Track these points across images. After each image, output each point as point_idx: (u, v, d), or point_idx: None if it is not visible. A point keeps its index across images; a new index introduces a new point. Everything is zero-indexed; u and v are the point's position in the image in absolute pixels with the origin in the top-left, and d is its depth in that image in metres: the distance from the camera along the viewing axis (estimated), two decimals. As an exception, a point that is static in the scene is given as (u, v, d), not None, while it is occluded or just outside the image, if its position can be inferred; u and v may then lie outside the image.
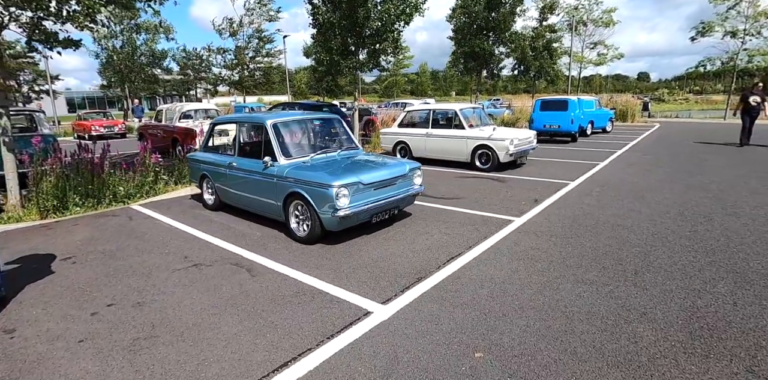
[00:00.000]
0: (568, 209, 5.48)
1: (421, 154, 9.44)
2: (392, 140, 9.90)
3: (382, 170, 4.63)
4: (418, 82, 64.97)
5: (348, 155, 5.22)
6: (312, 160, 4.87)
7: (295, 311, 3.07)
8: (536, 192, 6.51)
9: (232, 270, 3.90)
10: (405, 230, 4.84)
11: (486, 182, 7.45)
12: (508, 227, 4.81)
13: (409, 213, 5.55)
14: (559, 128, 12.72)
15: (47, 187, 6.42)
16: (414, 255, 4.08)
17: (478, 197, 6.29)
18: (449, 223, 5.06)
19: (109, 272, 4.01)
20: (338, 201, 4.14)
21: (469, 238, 4.50)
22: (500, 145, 8.08)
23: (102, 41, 19.71)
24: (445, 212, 5.54)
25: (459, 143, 8.65)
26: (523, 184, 7.16)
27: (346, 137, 5.60)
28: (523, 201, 5.97)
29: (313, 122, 5.51)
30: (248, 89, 26.62)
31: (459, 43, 15.62)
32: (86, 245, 4.80)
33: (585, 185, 6.99)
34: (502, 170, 8.34)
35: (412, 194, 4.98)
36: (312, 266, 3.91)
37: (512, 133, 8.42)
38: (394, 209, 4.80)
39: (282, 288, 3.48)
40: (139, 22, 19.86)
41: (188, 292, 3.49)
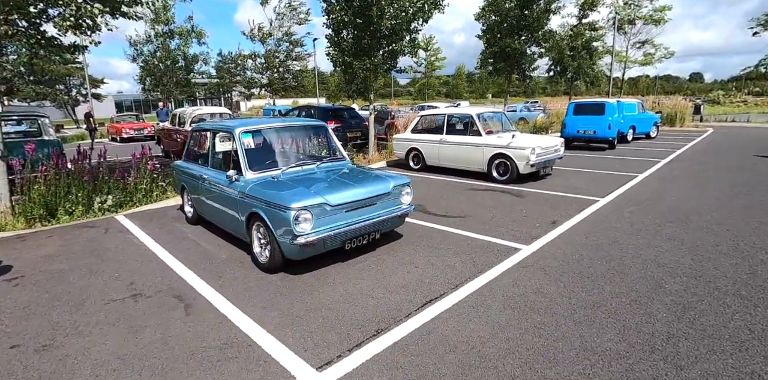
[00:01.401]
0: (591, 236, 4.55)
1: (435, 162, 8.65)
2: (405, 146, 9.18)
3: (358, 188, 3.93)
4: (453, 84, 63.28)
5: (329, 168, 4.57)
6: (283, 174, 4.25)
7: (208, 374, 2.43)
8: (557, 211, 5.58)
9: (169, 305, 3.34)
10: (386, 259, 4.12)
11: (501, 196, 6.58)
12: (512, 259, 3.97)
13: (400, 235, 4.82)
14: (595, 134, 11.49)
15: (35, 195, 6.20)
16: (385, 295, 3.35)
17: (486, 216, 5.46)
18: (442, 250, 4.29)
19: (42, 299, 3.55)
20: (297, 226, 3.49)
21: (459, 272, 3.72)
22: (519, 154, 7.17)
23: (137, 46, 20.32)
24: (442, 235, 4.76)
25: (475, 151, 7.79)
26: (544, 200, 6.23)
27: (331, 147, 4.96)
28: (537, 223, 5.08)
29: (292, 130, 4.90)
30: (277, 92, 26.69)
31: (488, 43, 14.64)
32: (43, 263, 4.41)
33: (617, 202, 5.98)
34: (522, 182, 7.41)
35: (399, 214, 4.24)
36: (260, 304, 3.28)
37: (534, 140, 7.47)
38: (374, 234, 4.09)
39: (211, 335, 2.86)
40: (173, 28, 20.29)
41: (105, 334, 2.94)
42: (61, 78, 30.04)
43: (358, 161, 10.31)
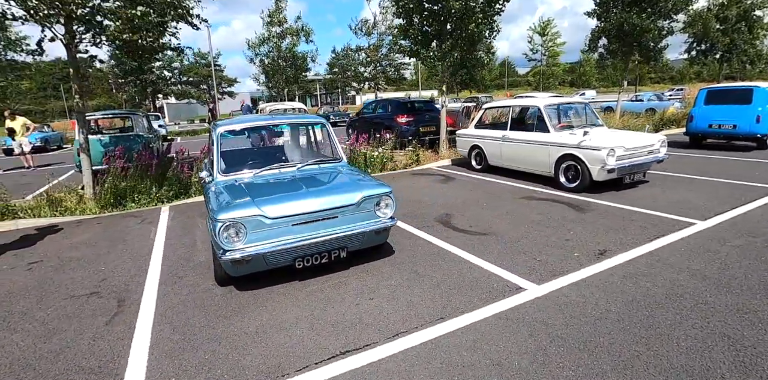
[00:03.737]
0: (644, 280, 3.17)
1: (497, 162, 7.43)
2: (467, 143, 8.09)
3: (311, 198, 3.30)
4: (580, 72, 55.65)
5: (312, 170, 4.02)
6: (255, 177, 3.85)
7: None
8: (619, 235, 4.14)
9: (104, 310, 3.24)
10: (348, 283, 3.42)
11: (556, 209, 5.22)
12: (500, 304, 2.94)
13: (392, 251, 4.05)
14: (735, 129, 8.64)
15: (108, 184, 6.97)
16: (304, 333, 2.71)
17: (515, 235, 4.31)
18: (423, 279, 3.42)
19: (28, 286, 3.78)
20: (224, 240, 3.04)
21: (415, 315, 2.85)
22: (593, 156, 5.62)
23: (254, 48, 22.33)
24: (440, 257, 3.85)
25: (539, 150, 6.40)
26: (612, 218, 4.73)
27: (325, 146, 4.39)
28: (578, 252, 3.79)
29: (279, 128, 4.46)
30: (380, 86, 26.89)
31: (601, 19, 12.23)
32: (67, 250, 4.79)
33: (721, 230, 4.21)
34: (597, 192, 5.83)
35: (374, 230, 3.50)
36: (174, 324, 2.94)
37: (618, 138, 5.79)
38: (337, 251, 3.43)
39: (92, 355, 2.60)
40: (285, 29, 21.75)
41: (27, 333, 2.94)
42: (204, 79, 34.92)
43: (426, 157, 9.52)
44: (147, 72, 21.74)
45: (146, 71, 21.45)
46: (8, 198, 6.81)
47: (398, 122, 11.07)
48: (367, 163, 8.58)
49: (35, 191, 7.27)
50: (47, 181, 7.46)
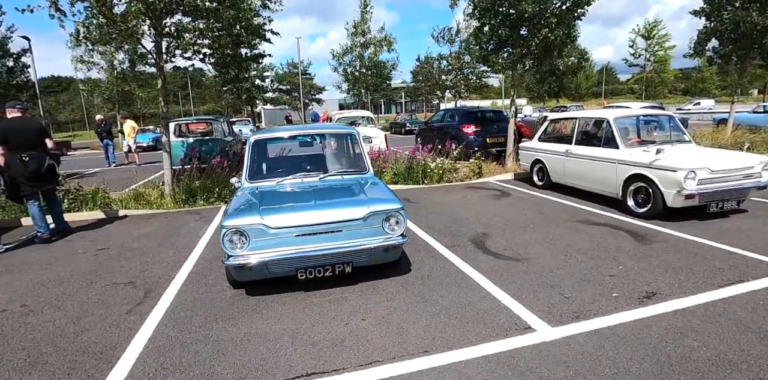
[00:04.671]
0: (696, 338, 2.56)
1: (560, 179, 6.75)
2: (529, 156, 7.49)
3: (315, 211, 3.25)
4: (697, 78, 47.88)
5: (335, 181, 3.99)
6: (277, 185, 3.94)
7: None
8: (679, 277, 3.45)
9: (124, 299, 3.50)
10: (349, 299, 3.30)
11: (613, 237, 4.54)
12: (499, 344, 2.58)
13: (408, 270, 3.84)
14: None
15: (182, 183, 7.73)
16: (278, 350, 2.65)
17: (552, 264, 3.82)
18: (425, 305, 3.16)
19: (83, 272, 4.29)
20: (228, 246, 3.12)
21: (402, 345, 2.63)
22: (668, 177, 4.80)
23: (339, 58, 23.40)
24: (455, 283, 3.54)
25: (605, 168, 5.66)
26: (680, 253, 3.97)
27: (353, 157, 4.34)
28: (618, 292, 3.22)
29: (309, 138, 4.49)
30: (462, 94, 26.37)
31: (711, 18, 10.58)
32: (131, 241, 5.35)
33: (833, 281, 3.28)
34: (673, 220, 4.96)
35: (383, 247, 3.34)
36: (177, 320, 3.08)
37: (702, 158, 4.87)
38: (342, 266, 3.33)
39: (88, 345, 2.82)
40: (368, 39, 22.49)
41: (63, 315, 3.32)
42: (295, 87, 37.46)
43: (489, 170, 9.04)
44: (242, 81, 23.95)
45: (242, 80, 23.64)
46: (108, 191, 7.82)
47: (464, 132, 10.69)
48: (425, 174, 8.39)
49: (132, 185, 8.27)
50: (138, 177, 8.50)
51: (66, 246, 5.27)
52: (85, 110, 40.28)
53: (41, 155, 5.33)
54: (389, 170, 8.30)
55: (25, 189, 5.28)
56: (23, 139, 5.18)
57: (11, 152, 5.12)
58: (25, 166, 5.17)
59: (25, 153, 5.17)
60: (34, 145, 5.28)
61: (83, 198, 7.38)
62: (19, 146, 5.14)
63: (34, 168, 5.22)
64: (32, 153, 5.22)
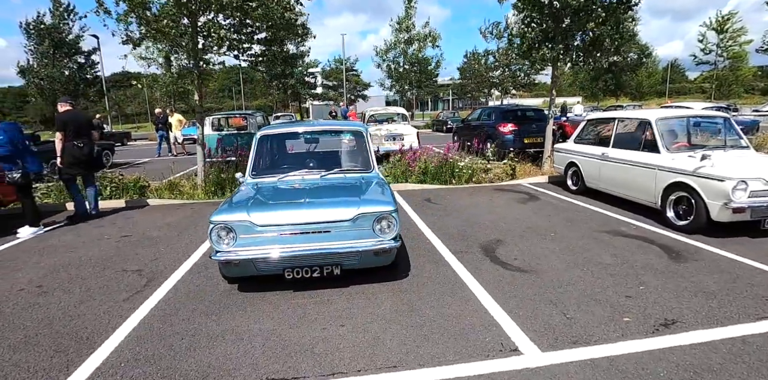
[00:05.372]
0: (713, 378, 2.18)
1: (595, 184, 6.22)
2: (564, 159, 6.98)
3: (304, 210, 3.14)
4: None
5: (336, 179, 3.88)
6: (278, 182, 3.89)
7: None
8: (710, 303, 2.99)
9: (126, 286, 3.60)
10: (334, 302, 3.18)
11: (643, 251, 4.07)
12: (476, 367, 2.34)
13: (405, 275, 3.65)
14: None
15: (212, 175, 7.98)
16: (247, 351, 2.58)
17: (562, 280, 3.48)
18: (412, 315, 2.97)
19: (101, 257, 4.51)
20: (215, 241, 3.10)
21: (372, 357, 2.46)
22: (713, 188, 4.23)
23: (382, 54, 23.29)
24: (451, 292, 3.31)
25: (645, 174, 5.11)
26: (718, 275, 3.47)
27: (358, 155, 4.19)
28: (631, 316, 2.84)
29: (320, 135, 4.39)
30: (508, 91, 25.39)
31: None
32: (153, 229, 5.57)
33: None
34: (719, 234, 4.38)
35: (373, 250, 3.18)
36: (165, 312, 3.11)
37: (757, 167, 4.25)
38: (330, 267, 3.21)
39: (72, 331, 2.89)
40: (412, 35, 22.18)
41: (68, 298, 3.48)
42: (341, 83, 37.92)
43: (524, 172, 8.57)
44: (288, 77, 24.54)
45: (287, 76, 24.22)
46: (147, 180, 8.20)
47: (500, 131, 10.21)
48: (453, 174, 8.08)
49: (171, 176, 8.64)
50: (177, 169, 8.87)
51: (95, 232, 5.57)
52: (148, 103, 43.19)
53: (91, 142, 6.16)
54: (417, 168, 8.07)
55: (74, 171, 6.04)
56: (78, 128, 5.95)
57: (68, 140, 5.89)
58: (80, 151, 5.96)
59: (79, 140, 5.95)
60: (86, 134, 6.08)
61: (124, 186, 7.81)
62: (75, 135, 5.92)
63: (87, 152, 6.03)
64: (84, 140, 6.02)
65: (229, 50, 8.12)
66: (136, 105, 52.76)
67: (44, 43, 18.44)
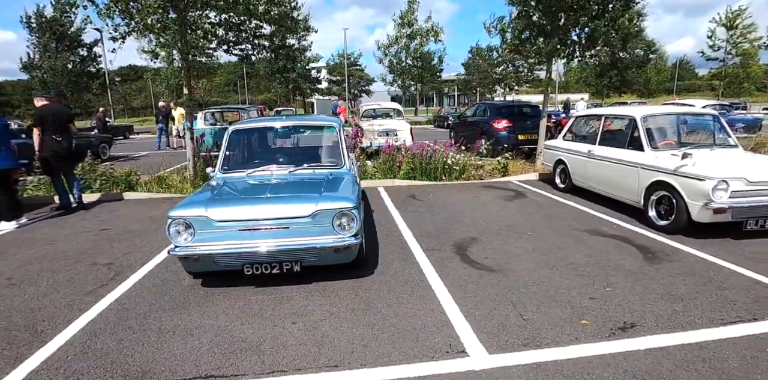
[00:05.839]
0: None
1: (581, 182, 6.11)
2: (553, 156, 6.86)
3: (263, 205, 3.11)
4: None
5: (299, 176, 3.83)
6: (247, 177, 3.86)
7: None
8: (676, 306, 2.90)
9: (93, 280, 3.60)
10: (292, 299, 3.15)
11: (619, 251, 3.97)
12: (417, 368, 2.29)
13: (370, 272, 3.61)
14: None
15: (198, 168, 7.98)
16: (194, 347, 2.55)
17: (528, 280, 3.40)
18: (367, 313, 2.93)
19: (76, 250, 4.52)
20: (172, 236, 3.08)
21: (315, 355, 2.43)
22: (693, 187, 4.12)
23: (384, 49, 23.13)
24: (411, 290, 3.26)
25: (628, 172, 5.00)
26: (691, 278, 3.37)
27: (329, 150, 4.14)
28: (589, 318, 2.77)
29: (292, 130, 4.34)
30: (510, 87, 25.10)
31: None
32: (135, 222, 5.57)
33: None
34: (700, 235, 4.27)
35: (331, 247, 3.13)
36: (118, 310, 3.10)
37: (741, 166, 4.12)
38: (290, 264, 3.17)
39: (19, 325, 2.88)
40: (414, 29, 21.97)
41: (34, 291, 3.48)
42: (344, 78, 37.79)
43: (516, 169, 8.46)
44: (290, 71, 24.47)
45: (289, 70, 24.15)
46: (140, 174, 8.17)
47: (495, 127, 10.09)
48: (443, 170, 7.99)
49: (166, 169, 8.60)
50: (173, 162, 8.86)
51: (78, 224, 5.58)
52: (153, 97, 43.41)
53: (69, 136, 6.17)
54: (405, 164, 8.00)
55: (54, 165, 6.07)
56: (55, 122, 5.95)
57: (46, 134, 5.90)
58: (59, 145, 5.97)
59: (57, 134, 5.95)
60: (65, 128, 6.09)
61: (115, 180, 7.82)
62: (54, 129, 5.93)
63: (66, 146, 6.05)
64: (63, 134, 6.02)
65: (219, 45, 8.09)
66: (143, 98, 53.08)
67: (45, 36, 18.54)
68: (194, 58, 7.76)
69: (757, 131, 12.01)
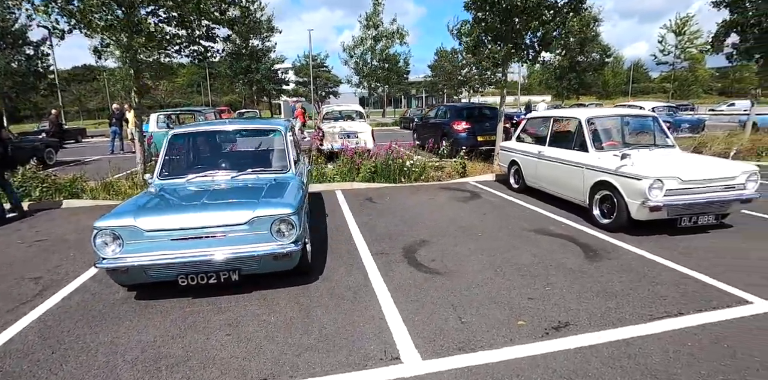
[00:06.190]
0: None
1: (533, 182, 6.25)
2: (507, 157, 7.00)
3: (197, 212, 2.98)
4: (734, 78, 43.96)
5: (242, 181, 3.71)
6: (187, 183, 3.70)
7: None
8: (609, 304, 2.99)
9: (18, 295, 3.37)
10: (230, 310, 3.04)
11: (563, 250, 4.07)
12: (350, 377, 2.24)
13: (314, 279, 3.53)
14: None
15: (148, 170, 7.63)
16: (116, 365, 2.41)
17: (472, 282, 3.42)
18: (305, 323, 2.85)
19: (4, 263, 4.18)
20: (97, 247, 2.90)
21: (245, 369, 2.33)
22: (631, 186, 4.28)
23: (349, 50, 23.03)
24: (354, 297, 3.21)
25: (573, 173, 5.15)
26: (627, 275, 3.49)
27: (275, 155, 4.04)
28: (526, 319, 2.81)
29: (236, 134, 4.22)
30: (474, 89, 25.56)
31: (733, 11, 9.62)
32: (73, 232, 5.26)
33: (791, 318, 2.76)
34: (640, 232, 4.44)
35: (270, 254, 3.04)
36: (40, 328, 2.89)
37: (675, 166, 4.32)
38: (227, 273, 3.05)
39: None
40: (380, 31, 21.98)
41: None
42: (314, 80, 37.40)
43: (475, 170, 8.56)
44: (254, 72, 23.99)
45: (252, 71, 23.68)
46: (86, 180, 7.73)
47: (454, 129, 10.21)
48: (402, 172, 7.98)
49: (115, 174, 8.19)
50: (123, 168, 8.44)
51: (11, 236, 5.22)
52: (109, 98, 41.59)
53: (3, 142, 5.93)
54: (364, 167, 7.95)
55: None
56: None
57: None
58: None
59: None
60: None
61: (57, 187, 7.37)
62: None
63: None
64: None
65: (166, 45, 7.79)
66: (99, 100, 50.73)
67: (-18, 34, 17.30)
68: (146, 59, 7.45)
69: (701, 131, 12.72)
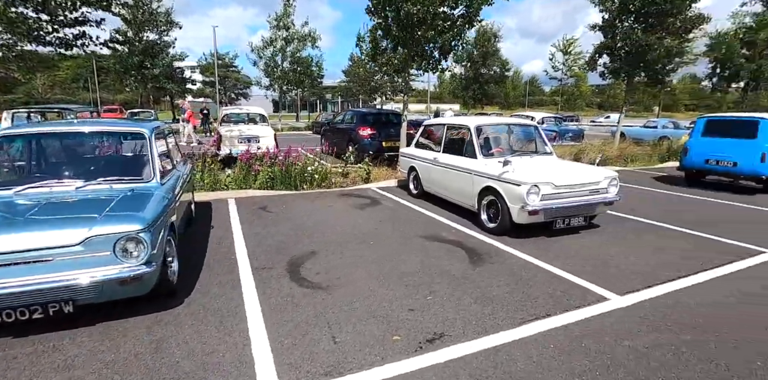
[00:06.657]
0: (453, 396, 2.08)
1: (430, 188, 6.37)
2: (406, 163, 7.06)
3: (12, 233, 2.44)
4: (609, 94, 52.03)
5: (90, 192, 3.14)
6: (15, 195, 3.04)
7: None
8: (485, 310, 3.03)
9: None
10: (60, 349, 2.50)
11: (450, 257, 4.12)
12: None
13: (179, 303, 3.10)
14: (736, 167, 7.19)
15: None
16: None
17: (356, 294, 3.27)
18: (155, 356, 2.44)
19: None
20: None
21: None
22: (512, 192, 4.50)
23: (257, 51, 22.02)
24: (220, 321, 2.86)
25: (464, 179, 5.32)
26: (505, 278, 3.60)
27: (135, 162, 3.52)
28: (402, 334, 2.72)
29: (86, 137, 3.62)
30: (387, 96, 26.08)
31: (607, 35, 10.96)
32: None
33: (637, 312, 3.03)
34: (522, 235, 4.68)
35: (115, 279, 2.57)
36: None
37: (549, 172, 4.65)
38: (57, 305, 2.51)
39: None
40: (291, 33, 21.34)
41: None
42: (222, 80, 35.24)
43: (380, 175, 8.53)
44: (148, 69, 21.84)
45: (146, 68, 21.54)
46: None
47: (360, 134, 10.16)
48: (303, 178, 7.66)
49: None
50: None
51: None
52: (-35, 92, 35.08)
53: None
54: (263, 173, 7.49)
55: None
56: None
57: None
58: None
59: None
60: None
61: None
62: None
63: None
64: None
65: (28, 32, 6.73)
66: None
67: None
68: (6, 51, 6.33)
69: (581, 139, 14.27)
